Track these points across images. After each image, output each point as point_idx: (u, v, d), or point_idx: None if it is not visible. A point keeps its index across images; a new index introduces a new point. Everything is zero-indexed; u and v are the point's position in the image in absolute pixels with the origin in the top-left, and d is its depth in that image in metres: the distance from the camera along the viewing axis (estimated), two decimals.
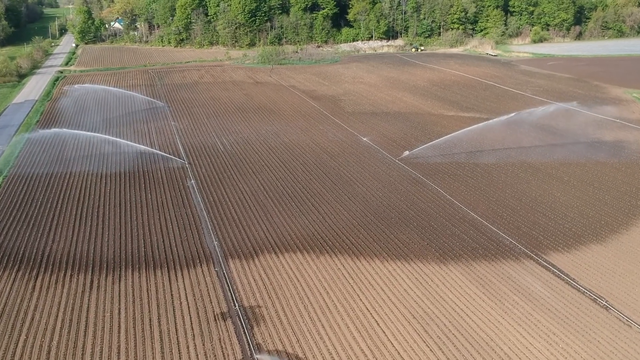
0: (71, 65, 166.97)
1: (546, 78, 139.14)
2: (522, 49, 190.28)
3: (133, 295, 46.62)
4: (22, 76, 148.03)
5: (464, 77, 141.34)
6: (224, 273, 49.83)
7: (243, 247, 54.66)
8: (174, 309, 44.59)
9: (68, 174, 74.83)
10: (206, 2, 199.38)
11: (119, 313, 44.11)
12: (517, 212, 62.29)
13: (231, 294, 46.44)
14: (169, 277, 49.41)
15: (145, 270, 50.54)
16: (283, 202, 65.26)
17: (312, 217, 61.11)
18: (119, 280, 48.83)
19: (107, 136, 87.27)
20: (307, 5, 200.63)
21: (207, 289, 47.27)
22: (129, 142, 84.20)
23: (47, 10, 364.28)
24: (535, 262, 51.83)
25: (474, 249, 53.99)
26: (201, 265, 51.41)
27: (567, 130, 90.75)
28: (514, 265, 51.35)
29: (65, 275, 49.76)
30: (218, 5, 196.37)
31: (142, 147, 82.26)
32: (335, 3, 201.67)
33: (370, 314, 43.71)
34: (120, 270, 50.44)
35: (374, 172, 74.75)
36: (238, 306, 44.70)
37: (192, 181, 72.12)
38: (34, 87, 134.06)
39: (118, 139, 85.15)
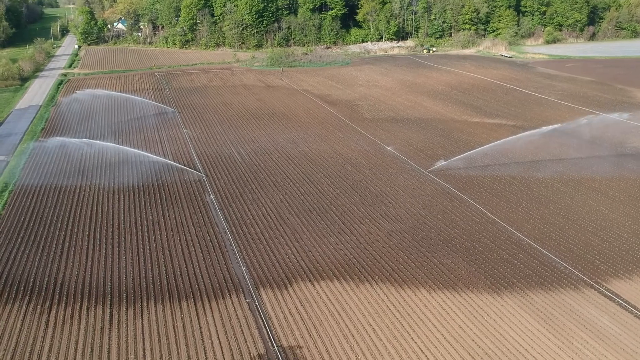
0: (74, 67, 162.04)
1: (567, 81, 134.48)
2: (536, 50, 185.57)
3: (158, 332, 41.96)
4: (24, 79, 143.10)
5: (482, 80, 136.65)
6: (256, 305, 45.17)
7: (274, 273, 50.00)
8: (205, 350, 39.95)
9: (78, 188, 70.11)
10: (212, 2, 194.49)
11: (144, 355, 39.46)
12: (566, 232, 57.66)
13: (267, 331, 41.77)
14: (196, 310, 44.77)
15: (170, 301, 45.89)
16: (311, 220, 60.60)
17: (344, 238, 56.45)
18: (141, 315, 44.16)
19: (117, 145, 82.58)
20: (315, 5, 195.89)
21: (240, 325, 42.61)
22: (141, 152, 79.60)
23: (48, 10, 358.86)
24: (596, 291, 47.23)
25: (527, 276, 49.37)
26: (230, 295, 46.75)
27: (603, 138, 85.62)
28: (574, 295, 46.74)
29: (81, 308, 45.08)
30: (224, 6, 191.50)
31: (156, 157, 77.57)
32: (344, 3, 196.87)
33: (426, 356, 39.09)
34: (141, 302, 45.77)
35: (404, 186, 70.11)
36: (277, 347, 40.03)
37: (212, 196, 67.45)
38: (37, 91, 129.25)
39: (129, 148, 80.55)
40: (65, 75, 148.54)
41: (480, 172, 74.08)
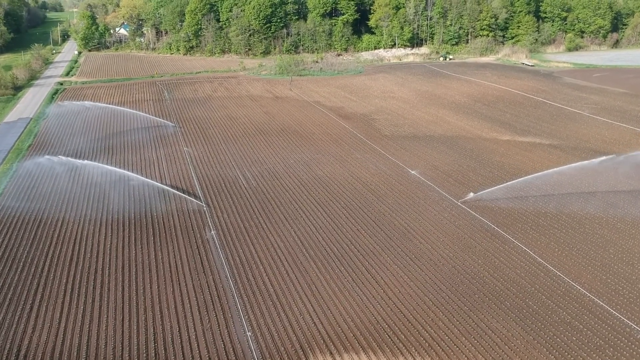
0: (72, 75, 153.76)
1: (598, 93, 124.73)
2: (559, 58, 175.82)
3: None
4: (17, 88, 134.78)
5: (506, 91, 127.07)
6: None
7: (286, 341, 40.82)
8: None
9: (60, 221, 61.23)
10: (218, 7, 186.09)
11: None
12: (635, 284, 48.19)
13: None
14: None
15: None
16: (329, 267, 51.38)
17: (370, 292, 47.22)
18: None
19: (109, 167, 73.79)
20: (325, 10, 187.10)
21: None
22: (135, 175, 70.84)
23: (51, 15, 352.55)
24: None
25: (599, 349, 39.96)
26: None
27: None
28: None
29: None
30: (230, 11, 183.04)
31: (152, 182, 68.78)
32: (355, 8, 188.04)
33: None
34: None
35: (434, 221, 60.78)
36: None
37: (213, 232, 58.39)
38: (29, 102, 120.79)
39: (122, 170, 71.77)
40: (61, 84, 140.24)
41: (521, 203, 64.62)
